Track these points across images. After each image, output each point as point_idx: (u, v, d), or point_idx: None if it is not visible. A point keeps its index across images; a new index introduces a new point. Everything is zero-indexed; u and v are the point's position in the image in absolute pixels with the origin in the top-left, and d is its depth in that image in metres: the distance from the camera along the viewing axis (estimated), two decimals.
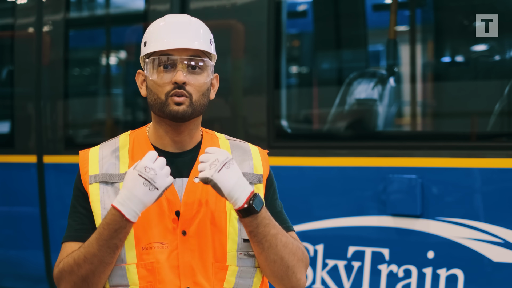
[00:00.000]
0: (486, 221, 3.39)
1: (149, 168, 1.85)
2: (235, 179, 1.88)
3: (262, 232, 1.92)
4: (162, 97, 1.98)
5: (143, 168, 1.85)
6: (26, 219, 4.84)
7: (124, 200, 1.86)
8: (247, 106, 4.08)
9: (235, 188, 1.87)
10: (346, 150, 3.84)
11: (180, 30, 2.00)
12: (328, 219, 3.78)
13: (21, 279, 4.89)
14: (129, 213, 1.85)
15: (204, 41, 2.02)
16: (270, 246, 1.94)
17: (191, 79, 1.98)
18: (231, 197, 1.88)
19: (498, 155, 3.44)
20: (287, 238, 1.99)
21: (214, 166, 1.86)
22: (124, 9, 5.12)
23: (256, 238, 1.93)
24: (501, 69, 4.33)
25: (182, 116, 1.98)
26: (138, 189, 1.84)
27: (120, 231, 1.88)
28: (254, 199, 1.89)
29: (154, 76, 1.99)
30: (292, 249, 1.99)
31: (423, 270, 3.52)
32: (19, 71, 4.90)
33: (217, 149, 1.92)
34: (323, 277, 3.75)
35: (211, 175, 1.86)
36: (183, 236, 1.97)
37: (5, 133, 5.04)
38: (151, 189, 1.85)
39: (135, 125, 4.75)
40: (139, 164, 1.87)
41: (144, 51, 2.03)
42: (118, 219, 1.86)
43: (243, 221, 1.91)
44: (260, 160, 2.12)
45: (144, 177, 1.84)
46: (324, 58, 5.47)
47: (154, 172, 1.85)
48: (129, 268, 1.96)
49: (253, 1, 4.05)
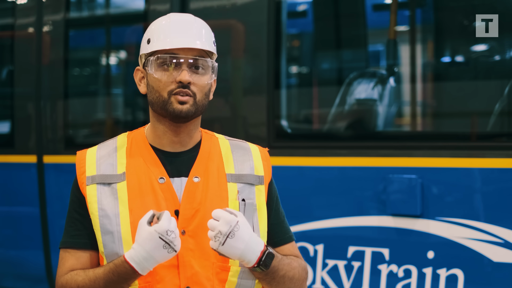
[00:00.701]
0: (486, 221, 3.39)
1: (170, 231, 1.83)
2: (243, 246, 1.87)
3: (270, 277, 1.97)
4: (165, 95, 1.97)
5: (165, 231, 1.83)
6: (26, 219, 4.84)
7: (140, 260, 1.85)
8: (247, 106, 4.08)
9: (244, 254, 1.88)
10: (346, 150, 3.84)
11: (185, 29, 2.00)
12: (328, 219, 3.78)
13: (21, 279, 4.89)
14: (143, 271, 1.87)
15: (208, 42, 2.02)
16: (278, 284, 2.00)
17: (195, 79, 1.98)
18: (242, 261, 1.90)
19: (498, 155, 3.43)
20: (293, 270, 2.03)
21: (218, 239, 1.86)
22: (124, 9, 5.12)
23: (264, 282, 1.99)
24: (501, 69, 4.33)
25: (185, 115, 1.97)
26: (157, 251, 1.84)
27: (131, 280, 1.90)
28: (264, 258, 1.91)
29: (158, 74, 1.98)
30: (297, 277, 2.05)
31: (423, 270, 3.52)
32: (19, 71, 4.90)
33: (222, 215, 1.88)
34: (323, 277, 3.75)
35: (216, 248, 1.87)
36: (182, 236, 1.97)
37: (5, 133, 5.04)
38: (170, 251, 1.84)
39: (135, 125, 4.75)
40: (160, 226, 1.83)
41: (148, 49, 2.02)
42: (130, 273, 1.87)
43: (253, 272, 1.96)
44: (260, 160, 2.11)
45: (166, 241, 1.83)
46: (324, 58, 5.47)
47: (174, 235, 1.84)
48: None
49: (253, 1, 4.05)
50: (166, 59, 1.97)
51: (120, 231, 1.95)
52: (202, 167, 2.04)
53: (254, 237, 1.90)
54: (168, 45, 1.97)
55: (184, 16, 2.06)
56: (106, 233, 1.96)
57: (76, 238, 2.00)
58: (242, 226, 1.87)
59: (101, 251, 1.98)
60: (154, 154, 2.04)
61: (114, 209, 1.97)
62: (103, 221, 1.96)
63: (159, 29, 2.02)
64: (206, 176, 2.03)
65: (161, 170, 2.01)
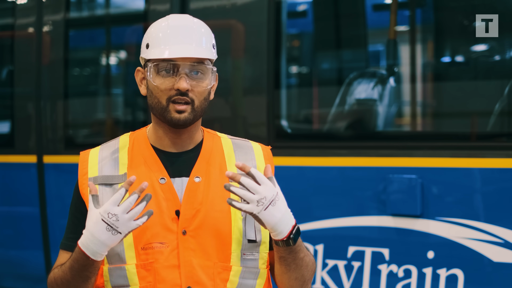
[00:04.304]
0: (486, 221, 3.39)
1: (111, 214, 1.82)
2: (280, 215, 1.87)
3: (292, 257, 1.96)
4: (164, 102, 1.97)
5: (106, 213, 1.83)
6: (26, 219, 4.84)
7: (87, 243, 1.85)
8: (247, 106, 4.08)
9: (278, 224, 1.88)
10: (346, 150, 3.84)
11: (184, 36, 1.98)
12: (328, 219, 3.78)
13: (21, 279, 4.89)
14: (93, 255, 1.86)
15: (208, 47, 2.01)
16: (296, 267, 1.99)
17: (193, 85, 1.97)
18: (274, 231, 1.89)
19: (498, 155, 3.44)
20: (309, 256, 2.04)
21: (262, 204, 1.84)
22: (124, 9, 5.12)
23: (285, 262, 1.98)
24: (501, 69, 4.33)
25: (183, 123, 1.98)
26: (101, 233, 1.83)
27: (89, 267, 1.89)
28: (294, 232, 1.92)
29: (156, 80, 1.97)
30: (310, 266, 2.05)
31: (423, 270, 3.52)
32: (19, 71, 4.90)
33: (265, 181, 1.87)
34: (323, 277, 3.75)
35: (258, 212, 1.85)
36: (183, 236, 1.97)
37: (5, 133, 5.04)
38: (114, 233, 1.83)
39: (135, 125, 4.75)
40: (103, 207, 1.84)
41: (147, 55, 2.01)
42: (84, 258, 1.87)
43: (278, 249, 1.94)
44: (263, 159, 2.12)
45: (107, 222, 1.82)
46: (324, 58, 5.47)
47: (116, 218, 1.82)
48: (129, 269, 1.96)
49: (253, 1, 4.05)
50: (164, 66, 1.96)
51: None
52: (203, 167, 2.04)
53: (288, 211, 1.91)
54: (166, 55, 1.95)
55: (183, 20, 2.04)
56: None
57: (71, 240, 2.02)
58: (280, 197, 1.89)
59: None
60: (155, 154, 2.04)
61: None
62: None
63: (158, 35, 2.00)
64: (207, 176, 2.03)
65: (162, 170, 2.01)
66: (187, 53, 1.96)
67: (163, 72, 1.97)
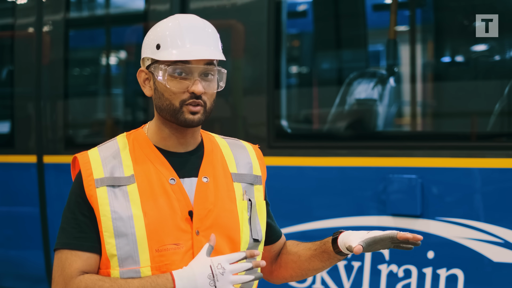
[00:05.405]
0: (486, 221, 3.39)
1: (221, 266, 1.87)
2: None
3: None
4: (177, 104, 1.95)
5: (217, 262, 1.87)
6: (26, 219, 4.84)
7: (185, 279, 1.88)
8: (247, 106, 4.08)
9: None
10: (346, 150, 3.84)
11: (197, 37, 1.96)
12: (328, 219, 3.78)
13: (21, 279, 4.89)
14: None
15: (220, 49, 2.01)
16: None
17: (206, 88, 1.96)
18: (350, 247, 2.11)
19: (498, 155, 3.44)
20: None
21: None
22: (124, 9, 5.12)
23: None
24: (501, 69, 4.33)
25: (196, 124, 1.98)
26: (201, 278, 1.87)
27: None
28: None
29: (170, 83, 1.94)
30: None
31: (423, 270, 3.52)
32: (19, 71, 4.90)
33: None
34: (323, 277, 3.75)
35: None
36: (197, 236, 1.96)
37: (5, 133, 5.04)
38: (211, 284, 1.86)
39: (135, 125, 4.74)
40: (217, 257, 1.89)
41: (159, 55, 1.97)
42: (169, 286, 1.88)
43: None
44: (256, 159, 2.14)
45: (212, 271, 1.87)
46: (324, 58, 5.47)
47: (222, 271, 1.86)
48: (144, 271, 1.94)
49: (253, 1, 4.05)
50: (177, 67, 1.94)
51: (135, 234, 1.93)
52: (209, 167, 2.04)
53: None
54: (187, 56, 1.93)
55: (193, 20, 2.01)
56: (120, 236, 1.94)
57: (81, 240, 1.97)
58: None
59: (110, 254, 1.95)
60: (161, 155, 2.02)
61: (127, 211, 1.94)
62: (117, 223, 1.94)
63: (169, 35, 1.97)
64: (214, 176, 2.04)
65: (170, 171, 2.00)
66: (205, 54, 1.94)
67: (175, 75, 1.95)
